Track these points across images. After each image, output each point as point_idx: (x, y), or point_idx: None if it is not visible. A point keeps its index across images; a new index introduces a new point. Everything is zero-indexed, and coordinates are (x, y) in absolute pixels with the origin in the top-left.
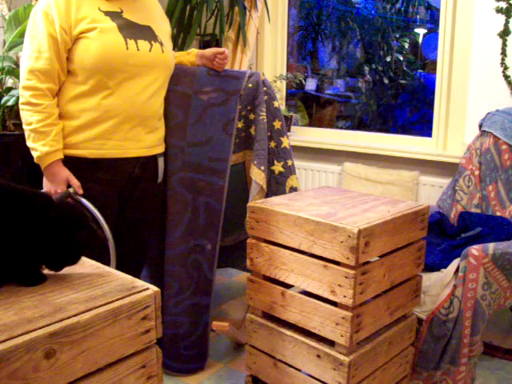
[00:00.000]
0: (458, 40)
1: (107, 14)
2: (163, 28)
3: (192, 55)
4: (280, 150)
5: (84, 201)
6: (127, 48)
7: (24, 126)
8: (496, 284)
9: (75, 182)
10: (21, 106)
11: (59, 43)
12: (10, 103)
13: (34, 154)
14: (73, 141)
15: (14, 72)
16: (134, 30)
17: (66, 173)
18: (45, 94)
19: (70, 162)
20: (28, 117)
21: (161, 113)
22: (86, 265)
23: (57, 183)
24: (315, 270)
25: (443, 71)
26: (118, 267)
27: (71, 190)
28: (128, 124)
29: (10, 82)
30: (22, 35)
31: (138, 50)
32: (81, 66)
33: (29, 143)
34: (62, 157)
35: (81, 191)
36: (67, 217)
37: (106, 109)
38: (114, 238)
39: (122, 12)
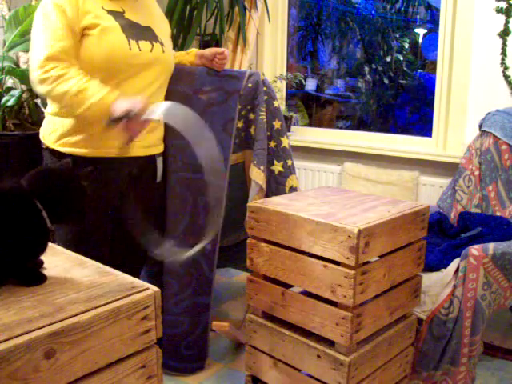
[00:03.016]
0: (457, 40)
1: (110, 13)
2: (163, 28)
3: (191, 55)
4: (280, 150)
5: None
6: (130, 48)
7: (65, 102)
8: (496, 284)
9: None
10: (47, 94)
11: (73, 33)
12: (10, 103)
13: (94, 107)
14: (72, 140)
15: (14, 72)
16: (136, 31)
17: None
18: (68, 66)
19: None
20: (61, 91)
21: None
22: (87, 265)
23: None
24: (315, 270)
25: (443, 71)
26: (118, 267)
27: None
28: None
29: (9, 82)
30: (21, 35)
31: (140, 50)
32: (83, 64)
33: (81, 109)
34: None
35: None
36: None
37: None
38: (114, 238)
39: (123, 12)
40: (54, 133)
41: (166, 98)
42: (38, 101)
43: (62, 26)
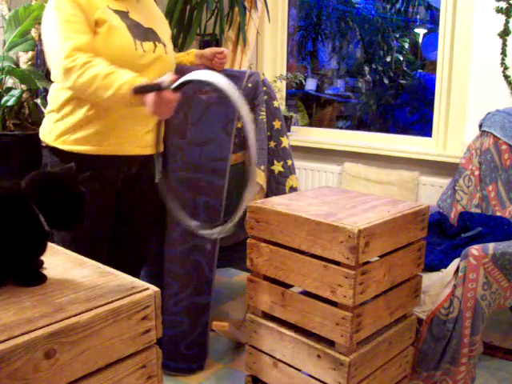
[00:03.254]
0: (457, 40)
1: (116, 12)
2: (164, 30)
3: (191, 55)
4: (280, 150)
5: None
6: (136, 49)
7: (95, 87)
8: (496, 284)
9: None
10: (75, 80)
11: (90, 26)
12: (10, 103)
13: (123, 89)
14: (72, 137)
15: (14, 72)
16: (140, 31)
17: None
18: (93, 56)
19: (70, 159)
20: (91, 75)
21: None
22: (86, 265)
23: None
24: (315, 270)
25: (443, 71)
26: (118, 267)
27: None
28: (127, 122)
29: (9, 81)
30: (21, 35)
31: (144, 51)
32: None
33: (110, 92)
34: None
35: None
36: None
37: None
38: (113, 237)
39: (128, 12)
40: (54, 131)
41: None
42: (38, 101)
43: (79, 20)
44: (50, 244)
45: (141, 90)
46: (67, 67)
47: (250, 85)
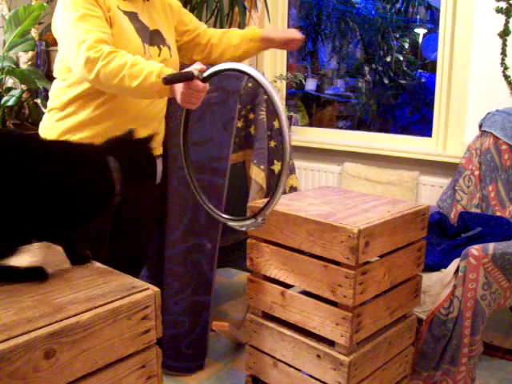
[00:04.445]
0: (457, 40)
1: (125, 13)
2: (170, 32)
3: (254, 40)
4: (280, 150)
5: None
6: (145, 53)
7: (120, 76)
8: (496, 284)
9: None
10: (100, 69)
11: (108, 22)
12: (10, 103)
13: (152, 77)
14: (75, 137)
15: (14, 72)
16: (146, 35)
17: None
18: (116, 49)
19: None
20: (117, 64)
21: (162, 116)
22: (86, 265)
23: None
24: (315, 270)
25: (443, 71)
26: (118, 267)
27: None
28: (131, 124)
29: (9, 82)
30: (21, 35)
31: (151, 55)
32: None
33: (136, 82)
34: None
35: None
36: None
37: (109, 108)
38: (114, 238)
39: (137, 14)
40: (56, 129)
41: (168, 99)
42: (38, 101)
43: (98, 15)
44: (49, 244)
45: (171, 80)
46: (91, 58)
47: (250, 84)
